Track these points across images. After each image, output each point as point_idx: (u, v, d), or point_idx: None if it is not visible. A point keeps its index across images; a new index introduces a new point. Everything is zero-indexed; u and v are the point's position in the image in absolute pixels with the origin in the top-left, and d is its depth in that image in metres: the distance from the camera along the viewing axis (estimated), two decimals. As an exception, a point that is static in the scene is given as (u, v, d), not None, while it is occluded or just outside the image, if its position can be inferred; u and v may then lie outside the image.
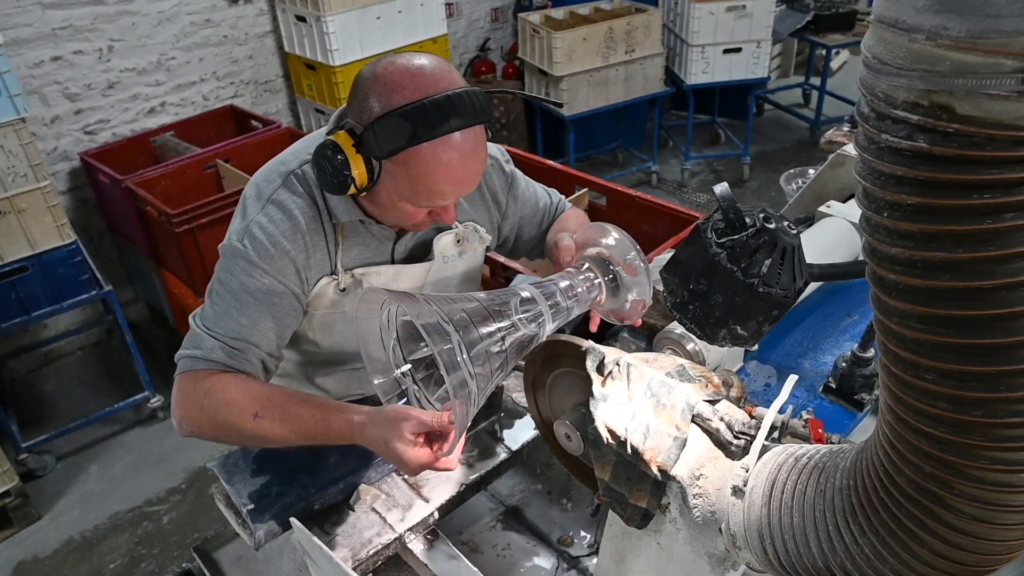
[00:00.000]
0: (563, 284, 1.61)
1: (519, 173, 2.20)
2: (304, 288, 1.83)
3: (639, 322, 1.80)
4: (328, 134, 1.67)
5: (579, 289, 1.62)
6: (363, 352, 1.59)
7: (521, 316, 1.46)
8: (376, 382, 1.61)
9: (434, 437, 1.58)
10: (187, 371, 1.77)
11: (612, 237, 1.70)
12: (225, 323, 1.76)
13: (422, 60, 1.62)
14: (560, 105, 3.45)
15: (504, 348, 1.41)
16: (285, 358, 2.05)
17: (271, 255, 1.75)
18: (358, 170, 1.62)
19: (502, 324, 1.42)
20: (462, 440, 1.49)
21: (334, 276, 1.84)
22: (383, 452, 1.59)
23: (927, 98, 0.71)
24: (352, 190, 1.65)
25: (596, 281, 1.67)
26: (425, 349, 1.61)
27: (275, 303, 1.78)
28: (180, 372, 1.79)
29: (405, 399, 1.64)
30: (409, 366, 1.63)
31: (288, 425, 1.68)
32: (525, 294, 1.52)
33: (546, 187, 2.31)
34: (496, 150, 2.13)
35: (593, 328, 1.90)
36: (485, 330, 1.39)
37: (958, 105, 0.69)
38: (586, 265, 1.69)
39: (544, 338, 1.52)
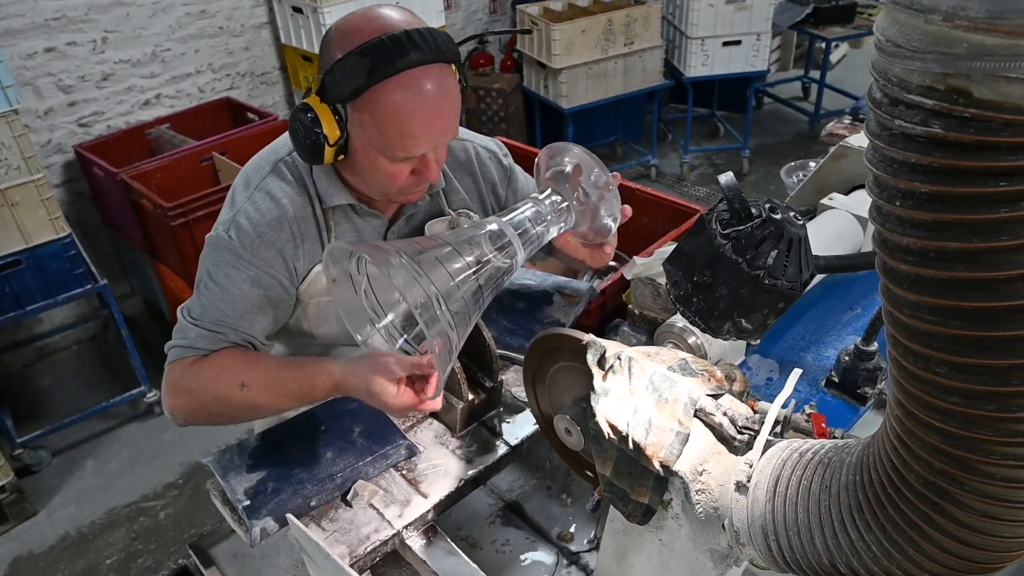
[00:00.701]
0: (529, 212, 1.61)
1: (519, 169, 2.19)
2: (293, 279, 1.82)
3: (610, 250, 1.80)
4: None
5: (547, 214, 1.62)
6: (346, 322, 1.61)
7: (491, 251, 1.47)
8: (362, 343, 1.63)
9: (415, 379, 1.60)
10: (175, 360, 1.79)
11: (572, 154, 1.68)
12: (211, 314, 1.77)
13: (384, 8, 1.62)
14: (528, 32, 3.35)
15: (479, 284, 1.41)
16: (279, 351, 2.03)
17: (257, 246, 1.75)
18: (327, 122, 1.60)
19: (472, 259, 1.42)
20: (443, 382, 1.53)
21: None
22: (366, 397, 1.61)
23: (943, 82, 0.69)
24: (328, 154, 1.64)
25: (563, 204, 1.66)
26: (399, 298, 1.61)
27: (262, 295, 1.78)
28: (168, 362, 1.80)
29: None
30: (390, 317, 1.64)
31: (274, 390, 1.72)
32: (492, 227, 1.52)
33: None
34: (494, 143, 2.13)
35: (568, 251, 1.89)
36: (455, 266, 1.39)
37: (975, 89, 0.67)
38: (549, 189, 1.68)
39: (518, 268, 1.54)
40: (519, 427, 1.98)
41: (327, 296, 1.87)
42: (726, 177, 1.24)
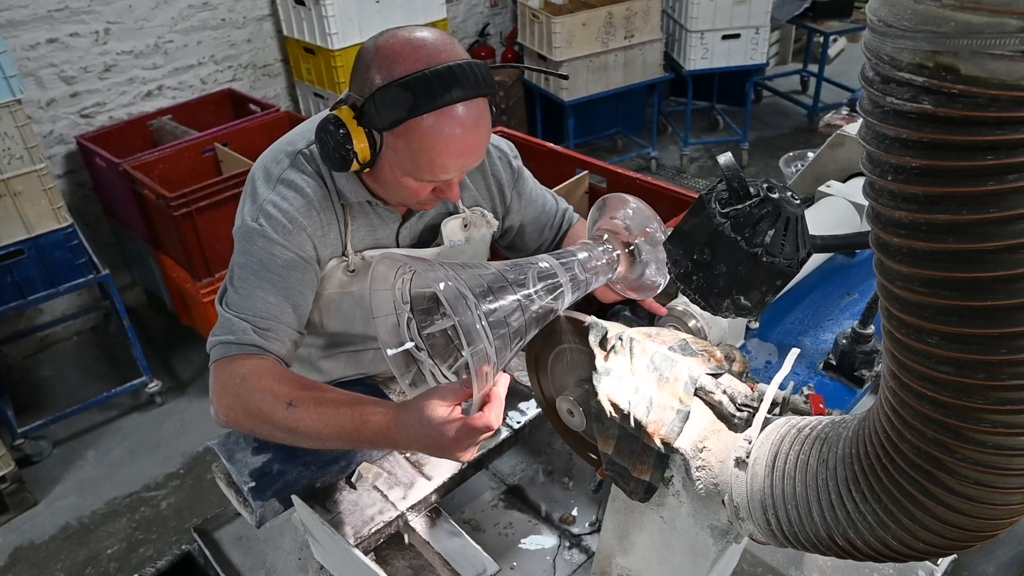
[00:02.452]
0: (582, 256, 1.58)
1: (528, 173, 2.19)
2: (318, 267, 1.83)
3: (659, 306, 1.79)
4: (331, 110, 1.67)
5: (598, 261, 1.60)
6: (375, 325, 1.52)
7: (539, 287, 1.42)
8: (389, 353, 1.54)
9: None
10: (222, 358, 1.71)
11: (631, 207, 1.68)
12: (252, 304, 1.73)
13: (424, 32, 1.62)
14: (565, 77, 3.45)
15: (523, 319, 1.37)
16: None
17: (288, 230, 1.75)
18: (360, 144, 1.62)
19: (520, 295, 1.37)
20: (501, 402, 1.41)
21: (344, 257, 1.84)
22: (421, 436, 1.43)
23: (932, 59, 0.71)
24: (355, 166, 1.65)
25: (615, 253, 1.65)
26: (439, 321, 1.57)
27: (299, 278, 1.78)
28: (215, 360, 1.72)
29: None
30: (423, 337, 1.57)
31: (322, 417, 1.56)
32: (544, 265, 1.47)
33: (554, 194, 2.30)
34: (505, 144, 2.13)
35: (608, 300, 1.90)
36: (503, 300, 1.34)
37: (963, 66, 0.69)
38: (605, 236, 1.68)
39: (562, 311, 1.48)
40: (521, 411, 2.00)
41: (339, 290, 1.88)
42: (725, 157, 1.26)
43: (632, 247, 1.66)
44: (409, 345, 1.56)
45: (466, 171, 1.75)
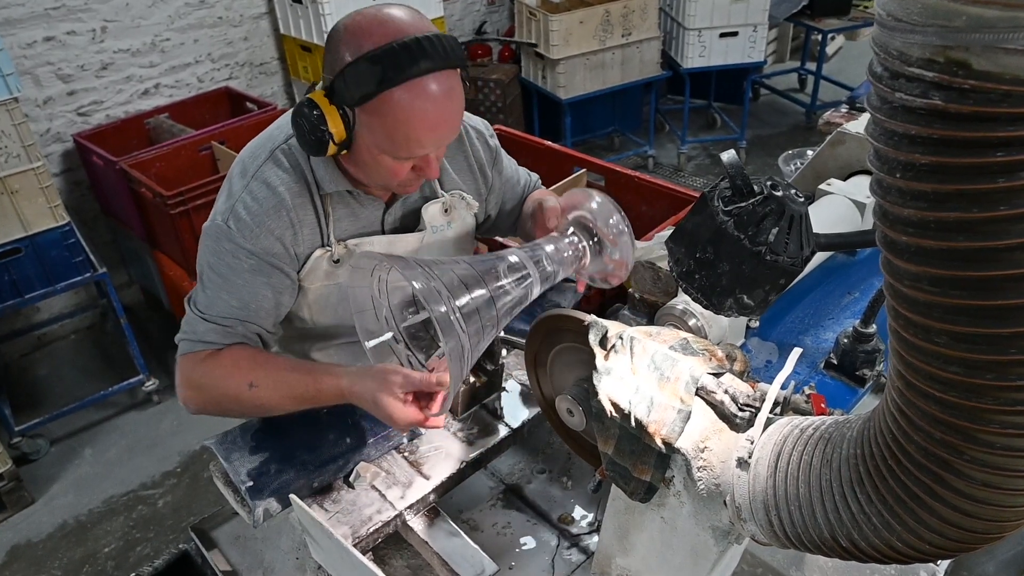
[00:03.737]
0: (549, 248, 1.64)
1: (503, 151, 2.21)
2: (294, 264, 1.83)
3: (622, 279, 1.81)
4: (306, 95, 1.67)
5: (565, 253, 1.66)
6: (356, 320, 1.61)
7: (509, 280, 1.50)
8: (369, 345, 1.64)
9: (421, 396, 1.62)
10: (187, 353, 1.83)
11: (595, 201, 1.72)
12: (217, 306, 1.79)
13: (392, 9, 1.63)
14: (534, 45, 3.40)
15: (494, 310, 1.44)
16: (279, 335, 2.05)
17: (256, 235, 1.76)
18: (334, 124, 1.62)
19: (491, 287, 1.46)
20: (450, 400, 1.52)
21: (327, 248, 1.83)
22: (372, 409, 1.63)
23: (943, 54, 0.70)
24: (332, 148, 1.65)
25: (581, 245, 1.70)
26: (416, 315, 1.65)
27: (264, 282, 1.80)
28: (180, 354, 1.84)
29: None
30: (401, 330, 1.66)
31: (281, 391, 1.75)
32: (513, 259, 1.55)
33: (524, 169, 2.32)
34: (481, 123, 2.14)
35: (580, 289, 1.92)
36: (475, 293, 1.42)
37: (975, 61, 0.68)
38: (571, 229, 1.72)
39: (530, 300, 1.56)
40: (520, 410, 1.99)
41: (326, 281, 1.88)
42: (728, 155, 1.25)
43: (596, 238, 1.70)
44: (387, 336, 1.66)
45: (442, 145, 1.75)
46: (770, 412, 1.22)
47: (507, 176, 2.20)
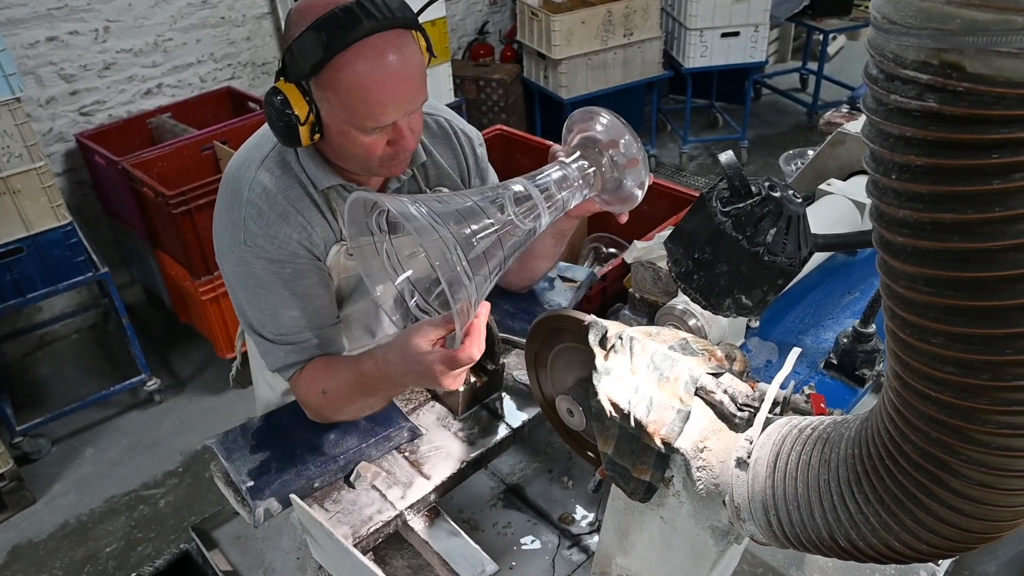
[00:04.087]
0: (556, 175, 1.58)
1: (492, 170, 2.19)
2: (323, 258, 1.84)
3: (636, 201, 1.76)
4: None
5: (573, 179, 1.60)
6: (356, 258, 1.56)
7: (516, 212, 1.43)
8: (377, 293, 1.58)
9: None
10: (289, 378, 1.89)
11: (601, 121, 1.67)
12: (279, 323, 1.82)
13: None
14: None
15: (501, 248, 1.38)
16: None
17: (279, 243, 1.76)
18: (298, 106, 1.61)
19: (496, 223, 1.38)
20: (481, 334, 1.47)
21: (342, 242, 1.84)
22: (407, 376, 1.59)
23: (937, 57, 0.70)
24: (305, 134, 1.64)
25: (590, 169, 1.65)
26: (419, 253, 1.57)
27: (308, 283, 1.82)
28: (287, 379, 1.91)
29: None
30: (408, 273, 1.58)
31: (343, 388, 1.78)
32: (518, 187, 1.48)
33: None
34: (473, 132, 2.13)
35: (622, 220, 1.86)
36: (479, 231, 1.35)
37: (968, 64, 0.69)
38: (577, 153, 1.67)
39: (541, 230, 1.50)
40: (520, 410, 1.99)
41: (345, 274, 1.88)
42: (726, 156, 1.25)
43: (607, 158, 1.66)
44: (398, 281, 1.57)
45: (406, 110, 1.68)
46: (769, 412, 1.23)
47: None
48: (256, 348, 1.89)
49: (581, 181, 1.61)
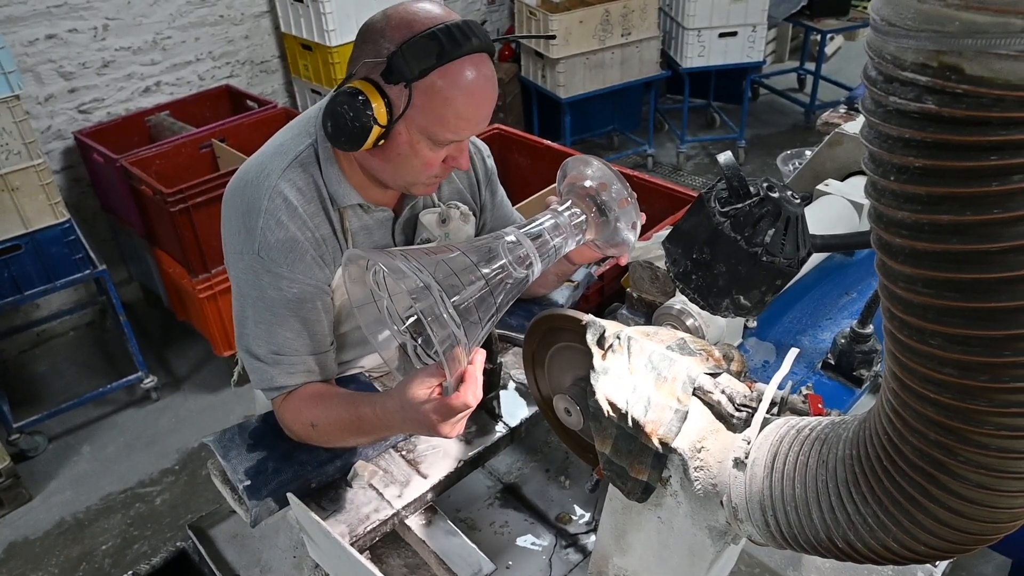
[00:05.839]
0: (548, 223, 1.61)
1: (500, 184, 2.21)
2: (329, 280, 1.83)
3: (629, 248, 1.79)
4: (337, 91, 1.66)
5: (565, 226, 1.63)
6: (358, 315, 1.58)
7: (509, 260, 1.46)
8: (379, 339, 1.59)
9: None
10: (273, 399, 1.87)
11: (593, 168, 1.70)
12: (274, 341, 1.79)
13: (425, 3, 1.66)
14: (552, 37, 3.38)
15: (492, 296, 1.40)
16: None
17: (292, 260, 1.74)
18: (379, 109, 1.61)
19: (488, 270, 1.41)
20: (477, 381, 1.46)
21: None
22: (405, 424, 1.57)
23: (936, 59, 0.70)
24: (371, 139, 1.63)
25: (581, 217, 1.67)
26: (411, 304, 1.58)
27: (311, 307, 1.80)
28: (272, 401, 1.88)
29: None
30: (406, 325, 1.60)
31: (335, 427, 1.75)
32: (511, 238, 1.51)
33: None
34: (480, 143, 2.15)
35: (621, 263, 1.89)
36: (470, 281, 1.38)
37: (967, 66, 0.69)
38: (569, 201, 1.69)
39: (534, 278, 1.53)
40: (518, 409, 1.99)
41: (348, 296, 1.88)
42: (725, 156, 1.26)
43: (597, 206, 1.68)
44: (394, 330, 1.59)
45: (478, 130, 1.73)
46: (767, 412, 1.23)
47: (499, 200, 2.19)
48: (246, 365, 1.88)
49: (571, 228, 1.65)
